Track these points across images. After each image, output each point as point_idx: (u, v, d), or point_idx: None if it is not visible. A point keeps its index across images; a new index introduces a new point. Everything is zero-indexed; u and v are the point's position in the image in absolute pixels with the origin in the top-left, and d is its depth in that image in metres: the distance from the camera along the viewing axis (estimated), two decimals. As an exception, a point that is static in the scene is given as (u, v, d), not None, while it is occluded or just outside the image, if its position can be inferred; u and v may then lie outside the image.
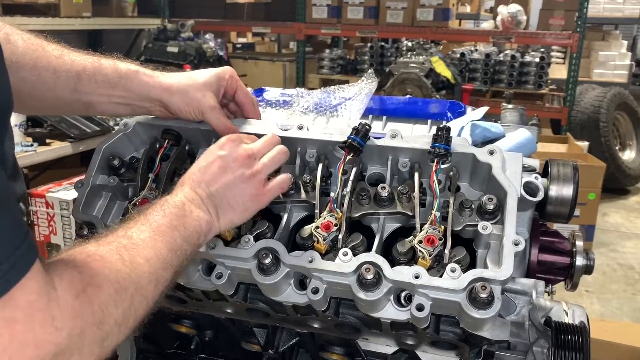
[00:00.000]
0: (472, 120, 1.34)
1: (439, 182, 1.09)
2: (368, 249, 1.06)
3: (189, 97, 1.15)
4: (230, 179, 0.99)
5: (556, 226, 1.44)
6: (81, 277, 0.69)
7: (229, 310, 1.23)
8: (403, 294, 1.02)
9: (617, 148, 5.94)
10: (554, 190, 1.14)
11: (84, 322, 0.66)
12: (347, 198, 1.09)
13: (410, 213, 1.09)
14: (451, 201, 1.07)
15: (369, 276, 0.97)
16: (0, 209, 0.61)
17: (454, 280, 0.95)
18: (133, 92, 1.15)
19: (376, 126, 1.44)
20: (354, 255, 1.01)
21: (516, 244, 0.97)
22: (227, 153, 1.00)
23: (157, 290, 0.82)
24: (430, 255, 1.02)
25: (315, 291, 1.01)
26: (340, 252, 1.02)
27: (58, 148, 3.72)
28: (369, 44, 6.78)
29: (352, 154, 1.11)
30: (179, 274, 0.91)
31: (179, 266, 0.89)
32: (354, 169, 1.13)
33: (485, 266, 1.02)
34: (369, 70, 1.64)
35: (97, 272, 0.71)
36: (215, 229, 0.99)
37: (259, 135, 1.11)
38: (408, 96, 1.65)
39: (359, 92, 1.50)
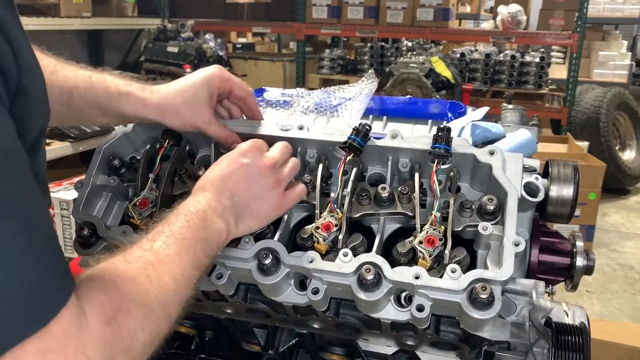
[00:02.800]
0: (473, 121, 1.34)
1: (440, 183, 1.09)
2: (368, 249, 1.06)
3: (183, 117, 1.15)
4: (254, 189, 0.99)
5: (556, 226, 1.44)
6: (111, 302, 0.68)
7: (229, 311, 1.23)
8: (403, 295, 1.02)
9: (617, 148, 5.94)
10: (554, 191, 1.14)
11: (113, 349, 0.66)
12: (347, 198, 1.09)
13: (410, 213, 1.09)
14: (451, 202, 1.07)
15: (369, 277, 0.97)
16: (44, 242, 0.61)
17: (454, 281, 0.95)
18: (126, 114, 1.17)
19: (376, 126, 1.44)
20: (354, 255, 1.01)
21: (516, 245, 0.97)
22: (250, 162, 1.00)
23: (180, 309, 0.82)
24: (430, 256, 1.02)
25: (316, 291, 1.01)
26: (341, 252, 1.02)
27: (58, 148, 3.73)
28: (369, 44, 6.78)
29: (352, 155, 1.11)
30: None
31: (199, 282, 0.88)
32: (354, 170, 1.13)
33: (486, 267, 1.02)
34: (369, 71, 1.63)
35: (126, 296, 0.71)
36: (232, 236, 0.99)
37: (262, 137, 1.11)
38: (408, 96, 1.65)
39: (359, 92, 1.50)
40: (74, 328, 0.62)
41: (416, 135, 1.15)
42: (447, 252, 1.02)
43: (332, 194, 1.11)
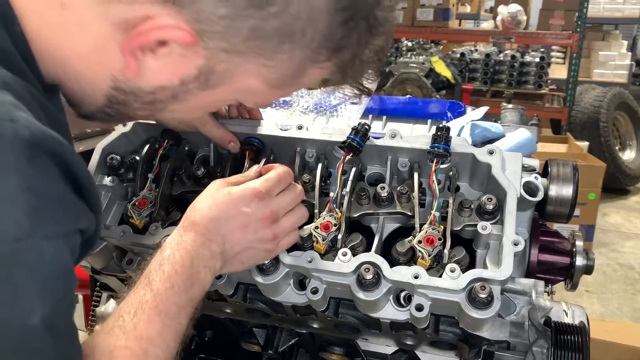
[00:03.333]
0: (472, 120, 1.34)
1: (439, 182, 1.09)
2: (367, 249, 1.06)
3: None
4: (248, 238, 0.94)
5: (556, 226, 1.44)
6: None
7: (228, 311, 1.23)
8: (402, 294, 1.02)
9: (617, 148, 5.93)
10: (553, 190, 1.14)
11: None
12: (346, 198, 1.09)
13: (409, 213, 1.09)
14: (451, 201, 1.07)
15: (369, 276, 0.97)
16: None
17: (453, 281, 0.95)
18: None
19: (376, 126, 1.44)
20: (354, 255, 1.01)
21: (515, 244, 0.97)
22: (251, 212, 0.93)
23: None
24: (429, 255, 1.01)
25: (315, 291, 1.01)
26: (340, 252, 1.02)
27: (58, 148, 3.72)
28: (369, 44, 6.76)
29: (351, 154, 1.11)
30: None
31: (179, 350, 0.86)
32: (354, 169, 1.13)
33: (485, 266, 1.02)
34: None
35: None
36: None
37: (261, 137, 1.10)
38: (408, 96, 1.65)
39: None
40: None
41: (415, 135, 1.15)
42: (446, 251, 1.02)
43: (331, 194, 1.10)
